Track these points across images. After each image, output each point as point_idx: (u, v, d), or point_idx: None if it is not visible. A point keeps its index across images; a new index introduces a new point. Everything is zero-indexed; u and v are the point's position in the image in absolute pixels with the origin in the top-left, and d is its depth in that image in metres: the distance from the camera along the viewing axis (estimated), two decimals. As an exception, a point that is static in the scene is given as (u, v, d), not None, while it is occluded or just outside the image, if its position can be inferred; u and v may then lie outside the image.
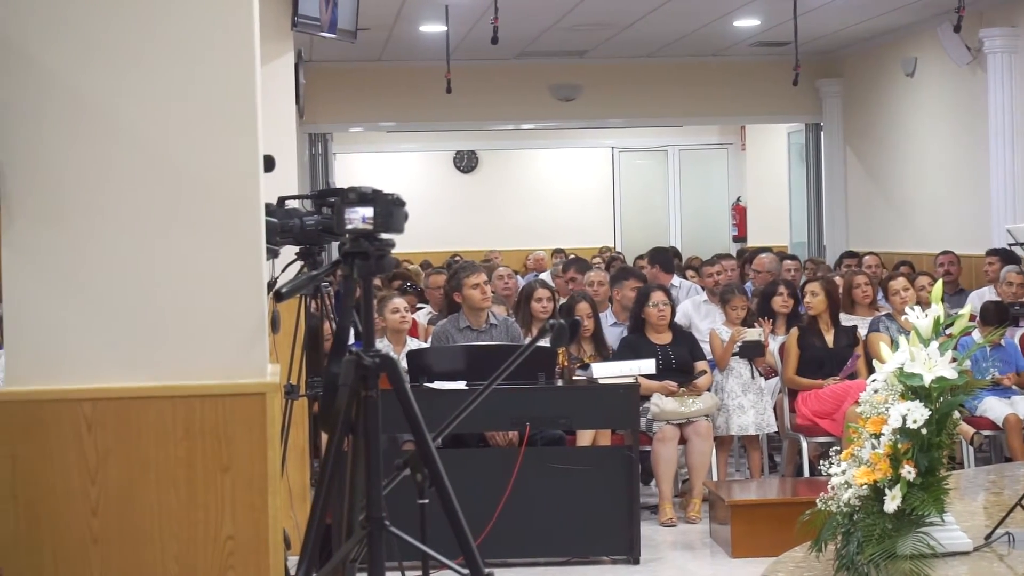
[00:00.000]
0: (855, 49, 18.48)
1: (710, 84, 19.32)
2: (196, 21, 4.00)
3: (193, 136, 4.00)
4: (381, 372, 4.80)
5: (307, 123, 17.41)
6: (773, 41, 17.61)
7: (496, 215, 24.40)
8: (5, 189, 4.01)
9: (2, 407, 4.01)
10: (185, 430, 3.98)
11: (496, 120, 20.35)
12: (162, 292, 4.00)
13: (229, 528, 4.00)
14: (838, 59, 19.12)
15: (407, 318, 10.13)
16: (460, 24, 15.54)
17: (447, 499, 4.76)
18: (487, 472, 8.32)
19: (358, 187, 4.79)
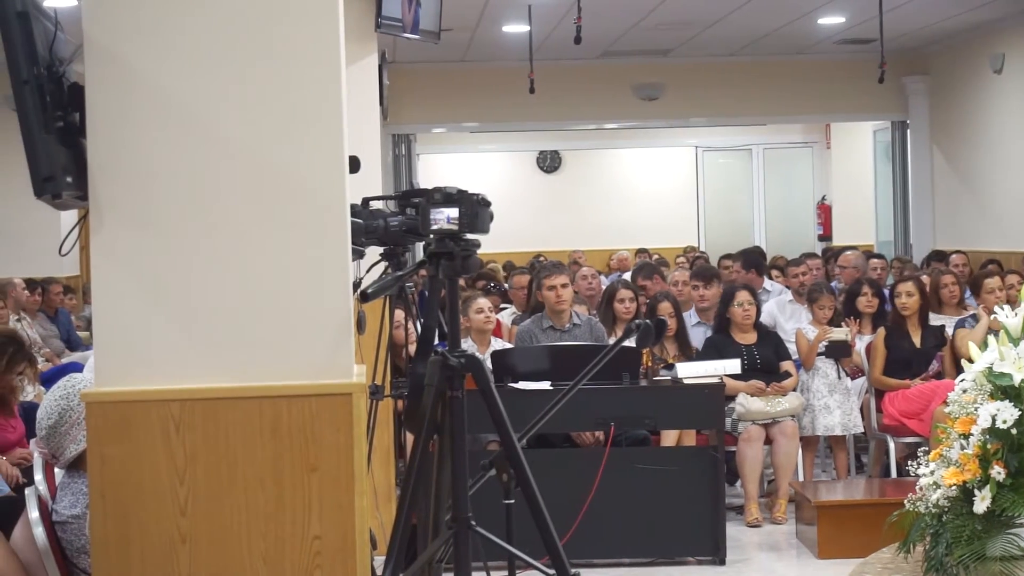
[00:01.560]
0: (942, 46, 18.31)
1: (795, 82, 19.21)
2: (283, 23, 4.02)
3: (280, 137, 4.02)
4: (467, 372, 4.81)
5: (391, 124, 17.47)
6: (858, 38, 17.49)
7: (579, 215, 24.37)
8: (95, 192, 4.04)
9: (91, 407, 4.05)
10: (272, 430, 4.00)
11: (579, 120, 20.33)
12: (249, 293, 4.02)
13: (316, 528, 4.01)
14: (924, 56, 18.95)
15: (491, 318, 10.15)
16: (543, 24, 15.54)
17: (533, 499, 4.76)
18: (572, 472, 8.31)
19: (443, 188, 4.80)
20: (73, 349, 14.37)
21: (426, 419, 4.78)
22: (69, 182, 3.93)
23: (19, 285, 14.71)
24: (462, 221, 4.79)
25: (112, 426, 4.00)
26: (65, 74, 4.07)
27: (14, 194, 16.17)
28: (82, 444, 5.23)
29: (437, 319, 5.12)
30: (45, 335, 14.34)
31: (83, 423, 4.78)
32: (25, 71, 3.84)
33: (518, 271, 14.50)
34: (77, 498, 5.37)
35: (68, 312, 15.58)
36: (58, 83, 3.99)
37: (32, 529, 5.42)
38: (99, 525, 4.03)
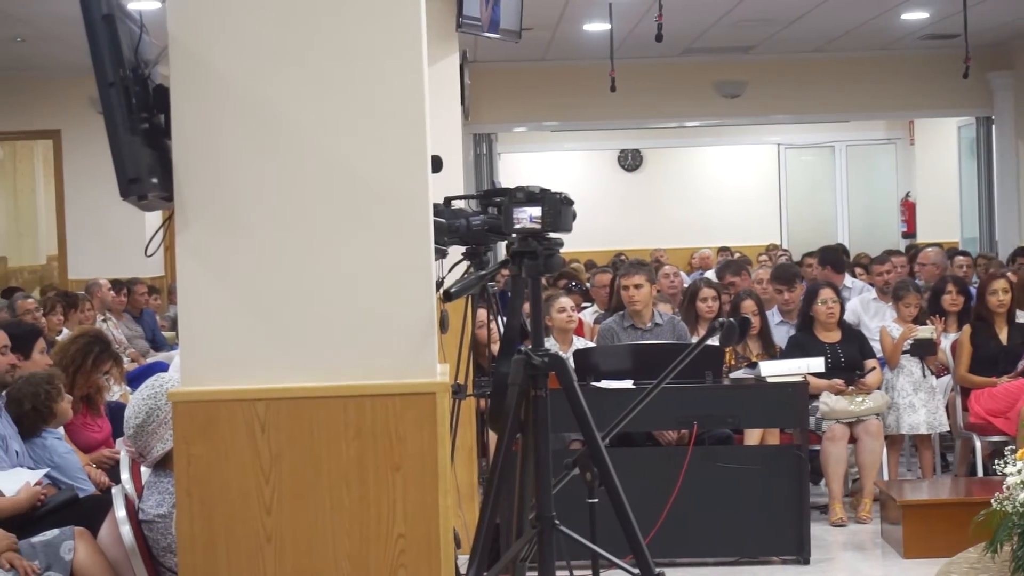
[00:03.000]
0: (1027, 40, 18.14)
1: (878, 78, 19.07)
2: (365, 24, 4.03)
3: (363, 138, 4.03)
4: (550, 371, 4.81)
5: (472, 123, 17.50)
6: (942, 34, 17.34)
7: (661, 213, 24.33)
8: (180, 193, 4.07)
9: (178, 407, 4.07)
10: (357, 430, 4.01)
11: (660, 118, 20.28)
12: (333, 293, 4.03)
13: (400, 527, 4.02)
14: (1009, 51, 18.75)
15: (573, 317, 10.14)
16: (624, 22, 15.51)
17: (617, 498, 4.75)
18: (655, 471, 8.29)
19: (526, 186, 4.80)
20: (158, 349, 14.50)
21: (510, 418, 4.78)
22: (154, 183, 3.96)
23: (105, 286, 14.85)
24: (545, 220, 4.78)
25: (198, 425, 4.03)
26: (150, 76, 4.10)
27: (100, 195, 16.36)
28: (169, 443, 5.27)
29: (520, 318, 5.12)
30: (130, 335, 14.47)
31: (170, 422, 4.82)
32: (111, 74, 3.87)
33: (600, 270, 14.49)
34: (163, 497, 5.41)
35: (153, 312, 15.72)
36: (143, 85, 4.02)
37: (119, 528, 5.47)
38: (185, 524, 4.06)
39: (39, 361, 8.15)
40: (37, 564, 5.92)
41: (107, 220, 16.99)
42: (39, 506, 6.62)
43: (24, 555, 5.94)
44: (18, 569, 5.86)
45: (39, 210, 22.59)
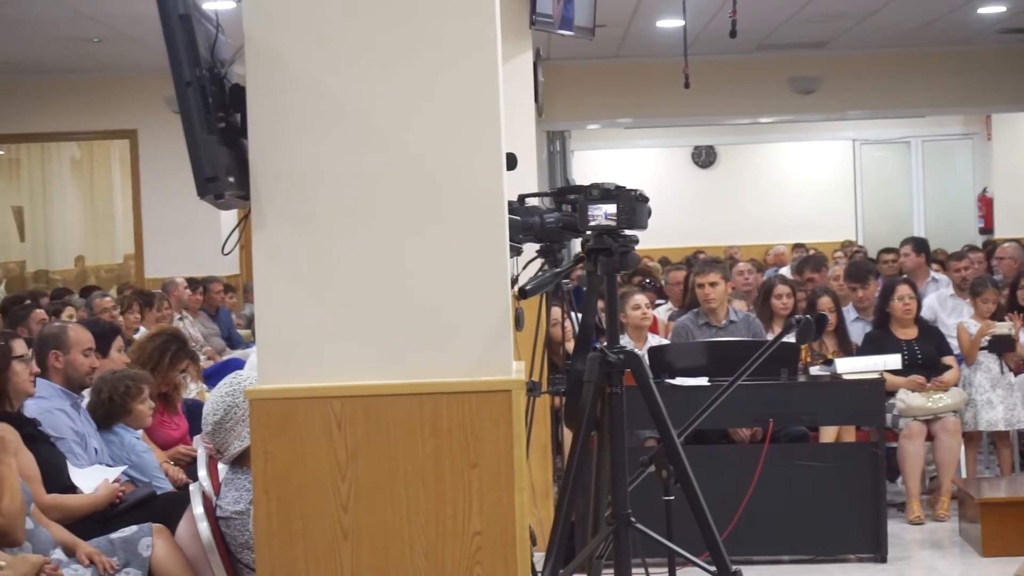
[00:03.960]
0: (1107, 33, 17.92)
1: (954, 73, 18.90)
2: (440, 21, 4.03)
3: (439, 135, 4.03)
4: (626, 368, 4.80)
5: (545, 121, 17.49)
6: (1019, 27, 17.16)
7: (735, 210, 24.22)
8: (256, 192, 4.08)
9: (255, 404, 4.09)
10: (432, 427, 4.01)
11: (734, 114, 20.18)
12: (409, 291, 4.04)
13: (476, 524, 4.02)
14: (1088, 45, 18.56)
15: (648, 314, 10.14)
16: (698, 18, 15.46)
17: (693, 496, 4.74)
18: (730, 469, 8.27)
19: (601, 184, 4.80)
20: (234, 347, 14.58)
21: (585, 415, 4.78)
22: (231, 182, 3.98)
23: (181, 284, 14.96)
24: (620, 217, 4.78)
25: (275, 423, 4.04)
26: (226, 75, 4.12)
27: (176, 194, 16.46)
28: (246, 440, 5.30)
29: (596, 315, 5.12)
30: (207, 333, 14.56)
31: (247, 420, 4.85)
32: (188, 73, 3.89)
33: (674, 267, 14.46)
34: (240, 494, 5.44)
35: (229, 310, 15.82)
36: (220, 84, 4.04)
37: (196, 524, 5.51)
38: (263, 521, 4.07)
39: (116, 360, 8.22)
40: (116, 560, 5.97)
41: (183, 219, 17.09)
42: (118, 503, 6.69)
43: (103, 551, 6.00)
44: (97, 565, 5.91)
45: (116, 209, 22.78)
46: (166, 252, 17.73)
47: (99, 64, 17.30)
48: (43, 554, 5.74)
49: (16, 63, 17.16)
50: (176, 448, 8.15)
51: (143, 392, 7.58)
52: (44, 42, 15.72)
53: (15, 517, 5.71)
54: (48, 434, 6.85)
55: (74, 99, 18.12)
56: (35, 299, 13.48)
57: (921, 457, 9.63)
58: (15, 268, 23.70)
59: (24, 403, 6.89)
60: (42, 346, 7.50)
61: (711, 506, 4.81)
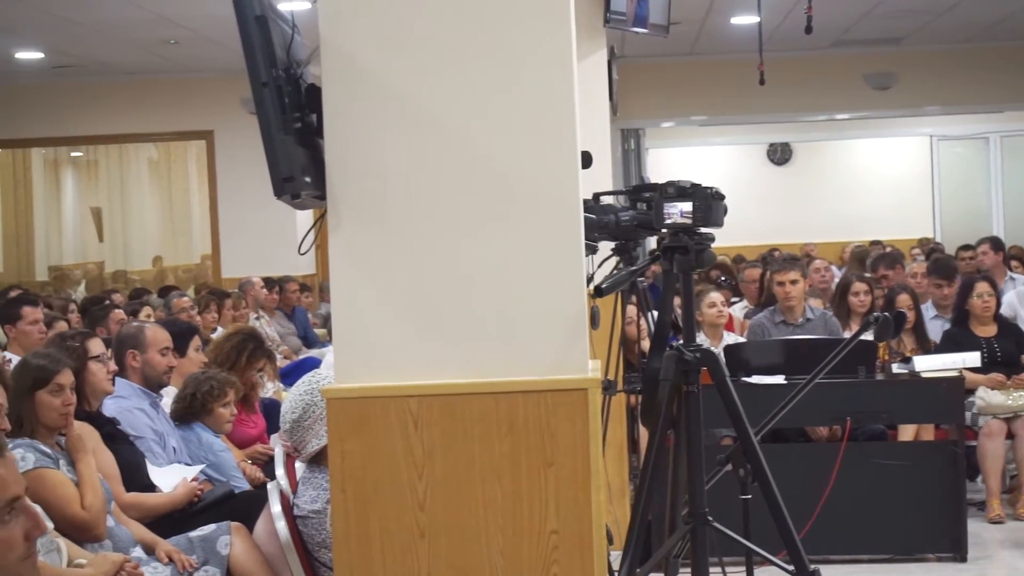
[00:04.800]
0: None
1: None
2: (515, 20, 4.03)
3: (514, 134, 4.03)
4: (702, 367, 4.79)
5: (620, 119, 17.46)
6: (1100, 21, 17.01)
7: (811, 207, 24.09)
8: (332, 191, 4.10)
9: (332, 404, 4.10)
10: (509, 426, 4.01)
11: (810, 111, 20.09)
12: (485, 290, 4.04)
13: (553, 523, 4.01)
14: None
15: (724, 312, 10.10)
16: (773, 14, 15.40)
17: (770, 494, 4.72)
18: (807, 467, 8.22)
19: (677, 182, 4.78)
20: (310, 346, 14.65)
21: (662, 414, 4.77)
22: (307, 182, 3.99)
23: (257, 284, 15.05)
24: (696, 215, 4.77)
25: (352, 422, 4.05)
26: (302, 76, 4.13)
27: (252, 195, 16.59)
28: (323, 439, 5.32)
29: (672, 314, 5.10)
30: (283, 332, 14.64)
31: (324, 418, 4.86)
32: (264, 74, 3.90)
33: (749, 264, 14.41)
34: (318, 493, 5.46)
35: (305, 310, 15.89)
36: (296, 85, 4.06)
37: (274, 523, 5.54)
38: (340, 520, 4.09)
39: (194, 359, 8.28)
40: (195, 558, 6.01)
41: (259, 219, 17.20)
42: (196, 502, 6.73)
43: (182, 550, 6.04)
44: (176, 563, 5.95)
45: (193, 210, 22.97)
46: (242, 252, 17.85)
47: (176, 65, 17.44)
48: (123, 552, 5.79)
49: (94, 65, 17.33)
50: (254, 447, 8.20)
51: (226, 395, 7.64)
52: (121, 44, 15.87)
53: (97, 514, 5.76)
54: (127, 433, 6.91)
55: (151, 100, 18.28)
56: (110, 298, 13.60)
57: (1001, 455, 9.54)
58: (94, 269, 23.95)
59: (103, 402, 6.95)
60: (120, 346, 7.56)
61: (788, 505, 4.78)
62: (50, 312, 11.03)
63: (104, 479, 6.09)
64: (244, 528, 6.13)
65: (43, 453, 5.81)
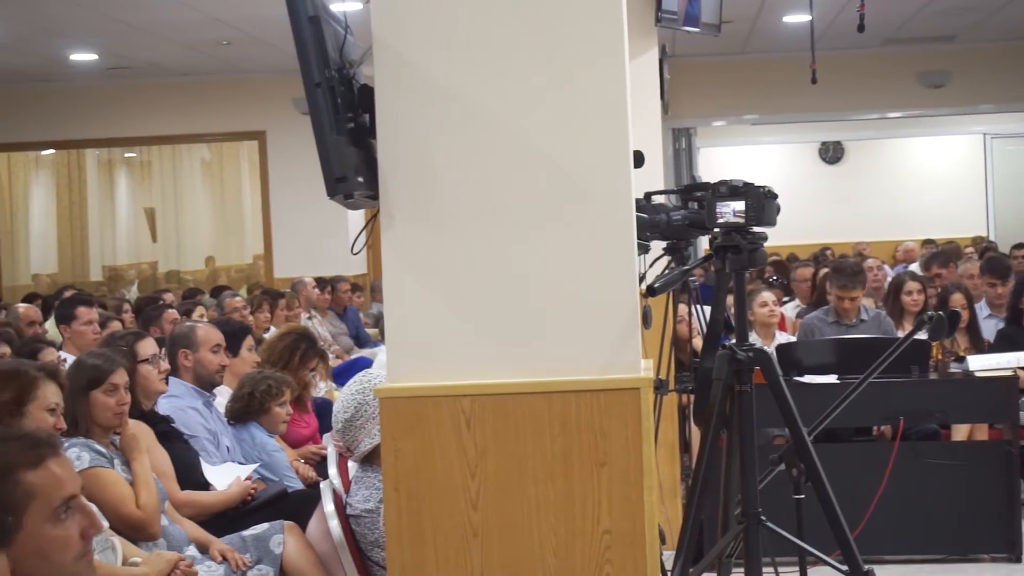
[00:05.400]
0: None
1: (1089, 64, 18.60)
2: (567, 20, 4.03)
3: (566, 134, 4.03)
4: (755, 366, 4.78)
5: (671, 118, 17.44)
6: None
7: (863, 206, 23.99)
8: (385, 191, 4.11)
9: (385, 403, 4.11)
10: (561, 425, 4.01)
11: (862, 110, 20.00)
12: (538, 289, 4.04)
13: (606, 522, 4.01)
14: None
15: (776, 312, 10.06)
16: (825, 12, 15.35)
17: (824, 494, 4.70)
18: (860, 467, 8.18)
19: (729, 181, 4.77)
20: (361, 346, 14.69)
21: (714, 414, 4.76)
22: (360, 182, 4.00)
23: (309, 284, 15.10)
24: (748, 214, 4.76)
25: (405, 421, 4.06)
26: (355, 76, 4.14)
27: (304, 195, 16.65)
28: (376, 438, 5.34)
29: (724, 313, 5.09)
30: (335, 332, 14.68)
31: (377, 418, 4.88)
32: (317, 74, 3.92)
33: (801, 264, 14.36)
34: (371, 492, 5.48)
35: (356, 309, 15.93)
36: (348, 85, 4.07)
37: (327, 522, 5.55)
38: (393, 519, 4.10)
39: (247, 359, 8.31)
40: (248, 557, 6.04)
41: (311, 219, 17.27)
42: (249, 500, 6.76)
43: (236, 548, 6.06)
44: (230, 562, 5.98)
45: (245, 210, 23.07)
46: (294, 252, 17.92)
47: (228, 66, 17.52)
48: (177, 551, 5.82)
49: (147, 67, 17.43)
50: (306, 447, 8.22)
51: (283, 395, 7.67)
52: (174, 46, 15.95)
53: (152, 513, 5.79)
54: (181, 432, 6.94)
55: (204, 101, 18.38)
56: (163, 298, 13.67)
57: (1056, 455, 9.48)
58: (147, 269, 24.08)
59: (157, 401, 6.99)
60: (172, 345, 7.60)
61: (841, 505, 4.77)
62: (104, 312, 11.10)
63: (158, 478, 6.12)
64: (297, 527, 6.15)
65: (98, 452, 5.85)
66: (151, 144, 21.97)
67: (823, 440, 8.16)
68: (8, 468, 3.29)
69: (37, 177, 23.24)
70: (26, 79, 18.05)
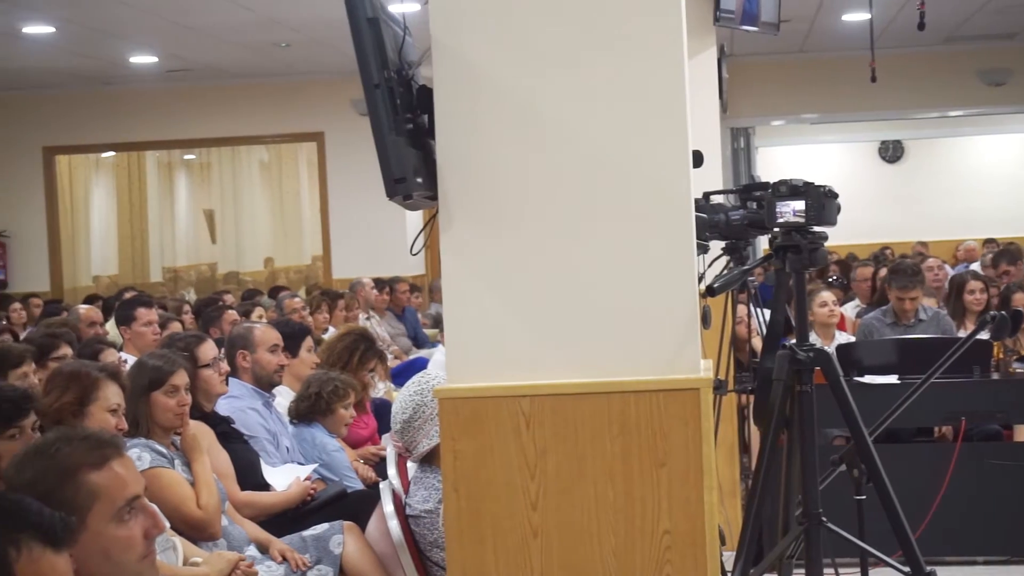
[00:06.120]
0: None
1: None
2: (626, 19, 4.02)
3: (625, 134, 4.02)
4: (815, 366, 4.76)
5: (730, 117, 17.38)
6: None
7: (923, 205, 23.86)
8: (444, 192, 4.11)
9: (444, 403, 4.11)
10: (621, 425, 4.00)
11: (922, 108, 19.87)
12: (597, 289, 4.03)
13: (666, 523, 4.00)
14: None
15: (835, 311, 10.02)
16: (885, 10, 15.25)
17: (885, 495, 4.68)
18: (921, 468, 8.13)
19: (789, 180, 4.76)
20: (420, 346, 14.70)
21: (775, 414, 4.74)
22: (419, 183, 4.01)
23: (368, 284, 15.13)
24: (809, 214, 4.74)
25: (464, 421, 4.06)
26: (414, 77, 4.15)
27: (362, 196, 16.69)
28: (434, 439, 5.34)
29: (784, 313, 5.07)
30: (393, 333, 14.71)
31: (436, 419, 4.88)
32: (376, 75, 3.92)
33: (861, 263, 14.29)
34: (430, 493, 5.48)
35: (415, 310, 15.96)
36: (407, 86, 4.08)
37: (387, 522, 5.56)
38: (453, 519, 4.10)
39: (307, 359, 8.33)
40: (308, 557, 6.05)
41: (369, 220, 17.32)
42: (309, 501, 6.77)
43: (295, 548, 6.08)
44: (290, 562, 5.99)
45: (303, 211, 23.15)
46: (353, 253, 17.97)
47: (287, 68, 17.59)
48: (238, 551, 5.84)
49: (206, 69, 17.52)
50: (365, 447, 8.24)
51: (348, 397, 7.68)
52: (233, 48, 16.03)
53: (213, 513, 5.82)
54: (241, 432, 6.97)
55: (262, 103, 18.45)
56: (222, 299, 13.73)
57: (1120, 456, 9.38)
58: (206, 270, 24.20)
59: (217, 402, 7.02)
60: (230, 347, 7.62)
61: (902, 506, 4.74)
62: (164, 313, 11.15)
63: (219, 478, 6.15)
64: (357, 527, 6.17)
65: (159, 453, 5.88)
66: (210, 146, 22.08)
67: (884, 441, 8.13)
68: (72, 469, 3.31)
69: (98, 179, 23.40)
70: (87, 82, 18.19)
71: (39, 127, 18.76)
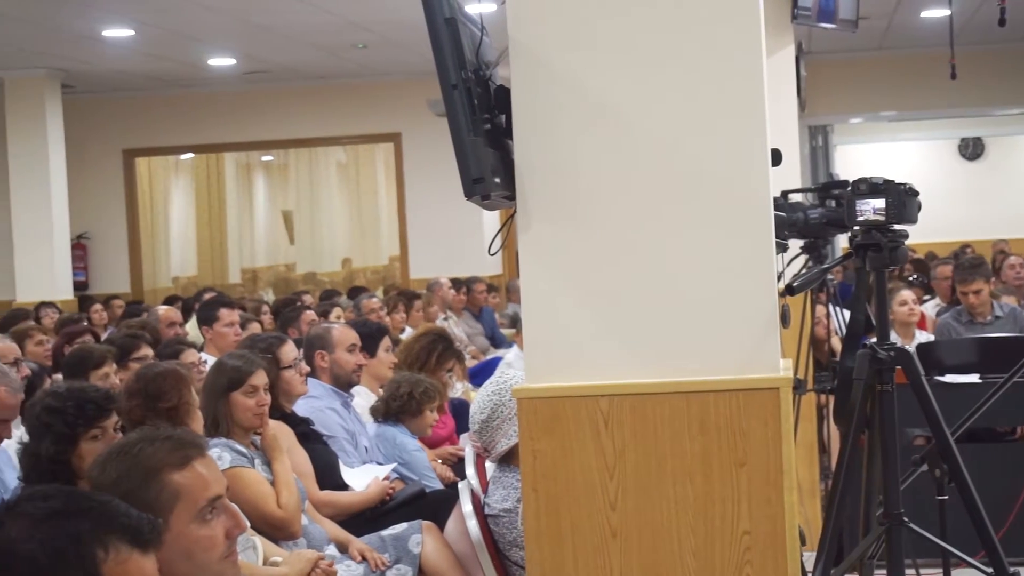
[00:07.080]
0: None
1: None
2: (704, 18, 4.01)
3: (703, 132, 4.01)
4: (896, 366, 4.72)
5: (807, 116, 17.29)
6: None
7: (1004, 203, 23.63)
8: (522, 192, 4.11)
9: (523, 403, 4.11)
10: (700, 425, 3.99)
11: (1003, 105, 19.68)
12: (676, 289, 4.02)
13: (746, 523, 3.98)
14: None
15: (915, 311, 9.94)
16: (964, 7, 15.13)
17: (968, 495, 4.64)
18: (1003, 467, 8.05)
19: (869, 178, 4.73)
20: (497, 346, 14.71)
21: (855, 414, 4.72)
22: (497, 183, 4.01)
23: (445, 284, 15.17)
24: (889, 212, 4.71)
25: (543, 421, 4.06)
26: (491, 77, 4.15)
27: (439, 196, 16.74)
28: (513, 439, 5.34)
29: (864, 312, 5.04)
30: (471, 333, 14.73)
31: (514, 418, 4.88)
32: (454, 76, 3.92)
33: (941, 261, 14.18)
34: (508, 492, 5.48)
35: (492, 310, 15.97)
36: (485, 86, 4.08)
37: (465, 522, 5.56)
38: (532, 519, 4.10)
39: (384, 360, 8.35)
40: (387, 557, 6.07)
41: (446, 220, 17.36)
42: (388, 500, 6.80)
43: (374, 548, 6.10)
44: (369, 561, 6.02)
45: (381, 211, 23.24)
46: (430, 253, 18.02)
47: (363, 69, 17.66)
48: (317, 550, 5.86)
49: (283, 71, 17.62)
50: (444, 447, 8.25)
51: (436, 400, 7.70)
52: (310, 49, 16.11)
53: (293, 512, 5.85)
54: (320, 433, 7.00)
55: (339, 104, 18.54)
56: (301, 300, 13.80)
57: None
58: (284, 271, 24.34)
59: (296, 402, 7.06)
60: (308, 347, 7.66)
61: (984, 506, 4.70)
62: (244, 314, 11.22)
63: (299, 477, 6.18)
64: (436, 527, 6.18)
65: (239, 453, 5.91)
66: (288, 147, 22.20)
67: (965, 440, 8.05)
68: (155, 469, 3.33)
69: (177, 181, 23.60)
70: (166, 84, 18.34)
71: (119, 130, 18.95)
